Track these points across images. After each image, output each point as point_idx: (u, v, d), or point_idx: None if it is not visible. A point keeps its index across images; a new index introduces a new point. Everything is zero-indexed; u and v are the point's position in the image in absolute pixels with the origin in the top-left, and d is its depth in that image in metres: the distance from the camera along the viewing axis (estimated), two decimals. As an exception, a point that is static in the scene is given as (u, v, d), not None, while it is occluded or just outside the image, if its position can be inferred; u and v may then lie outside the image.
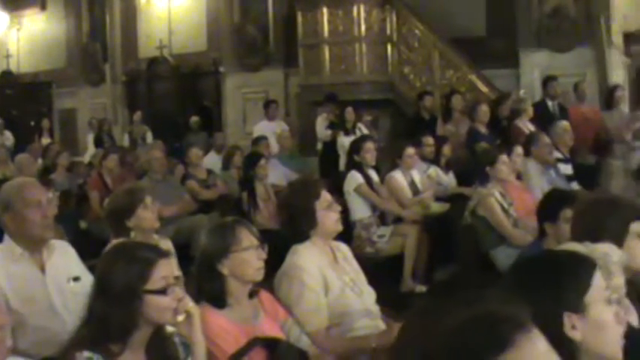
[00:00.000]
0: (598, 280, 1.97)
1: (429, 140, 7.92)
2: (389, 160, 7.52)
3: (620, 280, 2.41)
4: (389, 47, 11.05)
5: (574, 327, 1.91)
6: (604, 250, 2.50)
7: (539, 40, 10.69)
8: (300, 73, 11.60)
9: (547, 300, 1.89)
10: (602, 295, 1.97)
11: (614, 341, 1.96)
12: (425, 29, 10.92)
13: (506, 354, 1.29)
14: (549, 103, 9.53)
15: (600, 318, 1.94)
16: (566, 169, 7.66)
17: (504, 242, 5.65)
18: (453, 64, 10.81)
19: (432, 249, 6.71)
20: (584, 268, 1.98)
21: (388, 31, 11.04)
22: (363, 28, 10.93)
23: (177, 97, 14.31)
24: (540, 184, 6.71)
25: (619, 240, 3.01)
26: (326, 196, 3.70)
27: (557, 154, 7.54)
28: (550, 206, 4.24)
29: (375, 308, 3.75)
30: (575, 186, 7.41)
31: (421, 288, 6.59)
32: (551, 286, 1.92)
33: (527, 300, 1.87)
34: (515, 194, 6.13)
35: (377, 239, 6.74)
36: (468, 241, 5.84)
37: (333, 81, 10.88)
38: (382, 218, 7.09)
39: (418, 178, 7.31)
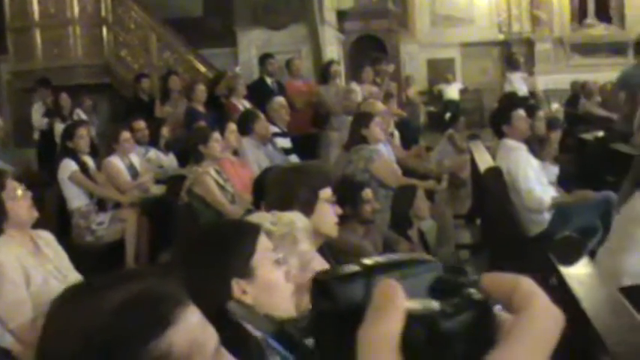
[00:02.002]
0: (263, 243, 2.01)
1: (140, 124, 7.72)
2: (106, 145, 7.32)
3: (305, 246, 2.49)
4: (104, 29, 10.68)
5: (245, 292, 1.94)
6: (290, 218, 2.55)
7: (256, 18, 10.83)
8: (9, 60, 10.89)
9: (214, 270, 1.92)
10: (268, 257, 2.01)
11: (284, 299, 2.03)
12: (140, 10, 10.68)
13: (167, 331, 1.26)
14: (268, 80, 9.70)
15: (268, 279, 1.99)
16: (285, 142, 7.87)
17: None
18: (170, 46, 10.68)
19: (154, 232, 6.61)
20: (247, 234, 2.01)
21: (103, 13, 10.66)
22: (76, 9, 10.48)
23: None
24: (257, 159, 6.82)
25: (309, 206, 3.11)
26: (12, 184, 3.48)
27: (275, 129, 7.71)
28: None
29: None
30: (294, 159, 7.63)
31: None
32: (216, 256, 1.95)
33: (194, 274, 1.85)
34: (232, 171, 6.18)
35: (96, 227, 6.55)
36: (187, 221, 5.79)
37: (46, 66, 10.33)
38: (102, 205, 6.87)
39: (137, 162, 7.14)
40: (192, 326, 1.32)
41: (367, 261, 0.59)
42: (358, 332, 0.53)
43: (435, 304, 0.54)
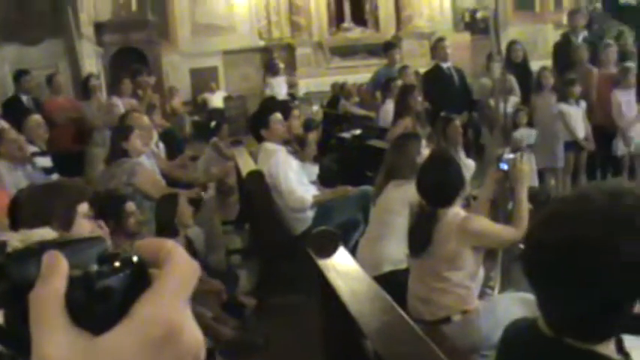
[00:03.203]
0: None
1: None
2: None
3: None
4: None
5: None
6: (41, 234, 2.49)
7: (7, 34, 10.34)
8: None
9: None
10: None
11: None
12: None
13: None
14: (24, 98, 9.29)
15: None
16: (45, 161, 7.57)
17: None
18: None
19: None
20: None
21: None
22: None
23: None
24: (15, 183, 6.51)
25: (67, 222, 3.05)
26: None
27: (34, 148, 7.41)
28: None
29: None
30: (55, 177, 7.36)
31: None
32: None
33: None
34: (-12, 194, 5.87)
35: None
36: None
37: None
38: None
39: None
40: None
41: (38, 241, 0.66)
42: (29, 296, 0.62)
43: (94, 268, 0.63)
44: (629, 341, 3.69)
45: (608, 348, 1.75)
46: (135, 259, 0.65)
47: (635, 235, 1.64)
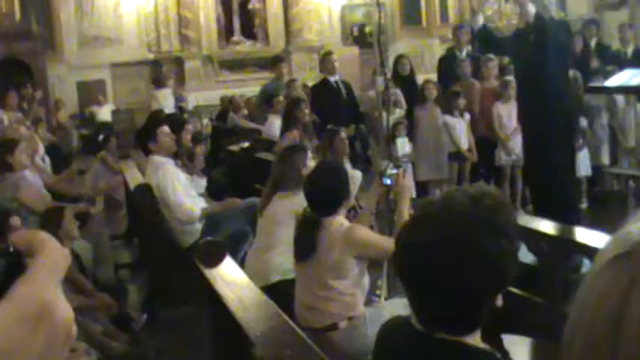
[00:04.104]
0: None
1: None
2: None
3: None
4: None
5: None
6: None
7: None
8: None
9: None
10: None
11: None
12: None
13: None
14: None
15: None
16: None
17: None
18: None
19: None
20: None
21: None
22: None
23: None
24: None
25: None
26: None
27: None
28: None
29: None
30: None
31: None
32: None
33: None
34: None
35: None
36: None
37: None
38: None
39: None
40: None
41: None
42: None
43: None
44: (508, 340, 3.89)
45: (475, 338, 1.88)
46: (11, 249, 0.75)
47: (494, 234, 1.80)
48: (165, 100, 12.09)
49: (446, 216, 1.83)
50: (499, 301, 1.89)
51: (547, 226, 4.54)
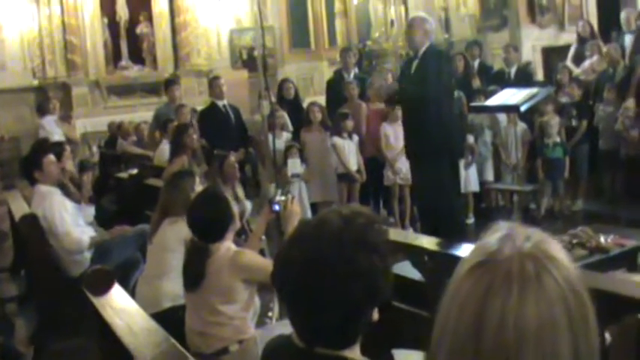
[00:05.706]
0: None
1: None
2: None
3: None
4: None
5: None
6: None
7: None
8: None
9: None
10: None
11: None
12: None
13: None
14: None
15: None
16: None
17: None
18: None
19: None
20: None
21: None
22: None
23: None
24: None
25: None
26: None
27: None
28: None
29: None
30: None
31: None
32: None
33: None
34: None
35: None
36: None
37: None
38: None
39: None
40: None
41: None
42: None
43: None
44: (398, 355, 4.01)
45: (355, 352, 1.98)
46: None
47: (368, 250, 1.90)
48: (51, 128, 11.84)
49: (319, 235, 1.93)
50: (375, 315, 1.98)
51: (429, 242, 4.71)
